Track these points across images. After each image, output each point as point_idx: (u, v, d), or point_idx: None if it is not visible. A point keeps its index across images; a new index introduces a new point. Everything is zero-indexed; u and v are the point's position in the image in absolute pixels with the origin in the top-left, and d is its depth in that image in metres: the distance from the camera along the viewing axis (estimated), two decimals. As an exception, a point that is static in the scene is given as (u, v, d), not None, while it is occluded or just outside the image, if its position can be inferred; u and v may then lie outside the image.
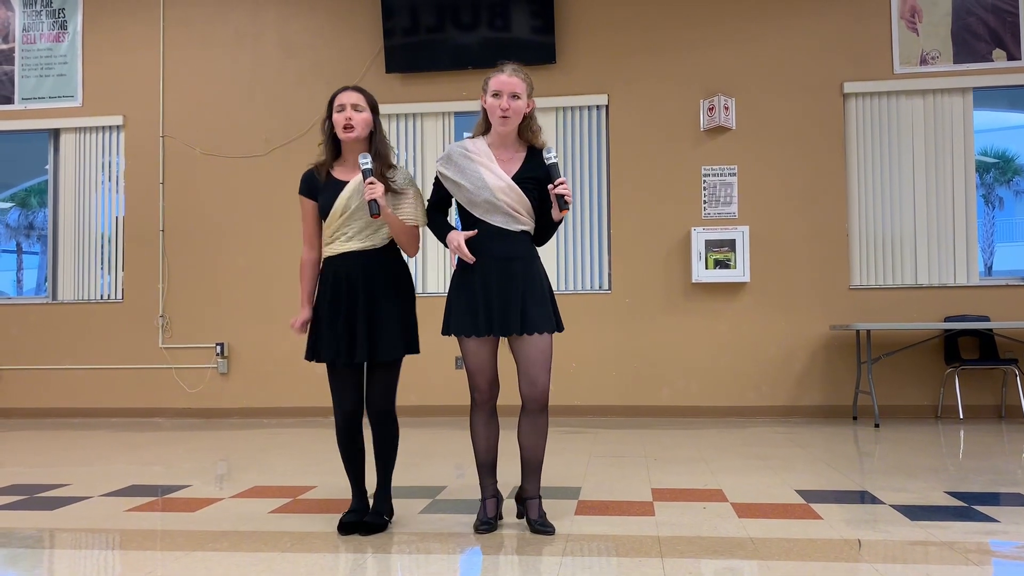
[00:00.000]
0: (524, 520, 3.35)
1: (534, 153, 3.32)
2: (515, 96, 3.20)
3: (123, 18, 8.32)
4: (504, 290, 3.20)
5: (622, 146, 7.62)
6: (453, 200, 3.40)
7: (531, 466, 3.30)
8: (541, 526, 3.24)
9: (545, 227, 3.36)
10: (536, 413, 3.25)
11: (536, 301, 3.23)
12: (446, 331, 3.31)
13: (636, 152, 7.58)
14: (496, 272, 3.22)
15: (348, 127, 3.28)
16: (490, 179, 3.22)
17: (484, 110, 3.30)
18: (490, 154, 3.27)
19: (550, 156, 3.23)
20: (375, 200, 3.13)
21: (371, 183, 3.15)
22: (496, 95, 3.20)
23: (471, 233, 3.24)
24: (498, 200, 3.21)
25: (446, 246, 3.31)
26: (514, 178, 3.24)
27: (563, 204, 3.18)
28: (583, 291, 7.64)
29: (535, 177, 3.26)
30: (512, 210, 3.23)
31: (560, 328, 3.31)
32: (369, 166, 3.18)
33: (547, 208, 3.27)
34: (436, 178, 3.38)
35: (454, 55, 7.73)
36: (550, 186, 3.19)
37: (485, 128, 3.33)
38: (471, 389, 3.33)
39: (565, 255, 7.67)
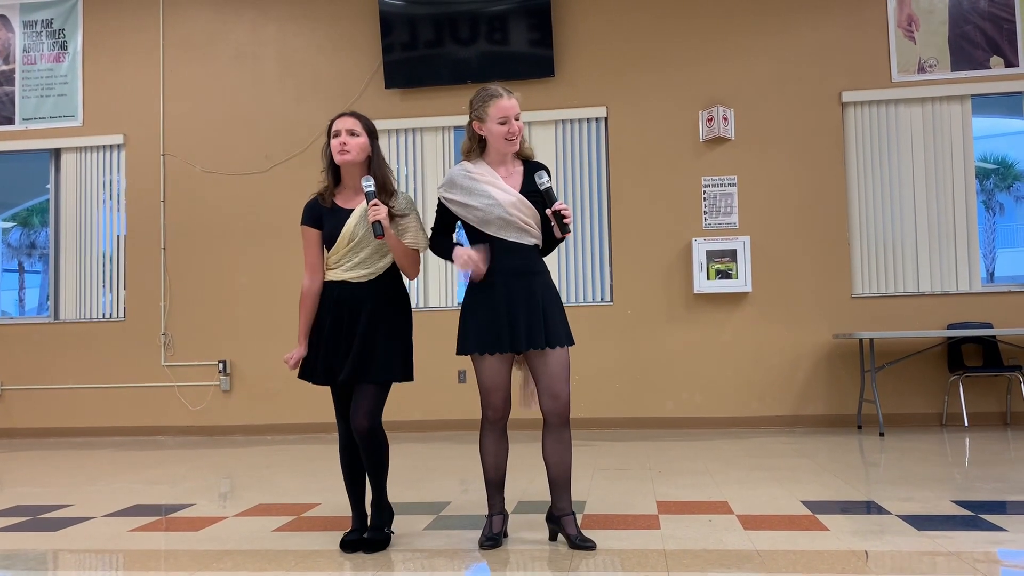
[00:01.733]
0: (555, 539, 3.32)
1: (529, 166, 3.35)
2: (517, 117, 3.25)
3: (123, 38, 8.37)
4: (527, 305, 3.20)
5: (622, 158, 7.63)
6: (458, 224, 3.40)
7: (560, 482, 3.26)
8: (581, 541, 3.19)
9: (548, 242, 3.37)
10: (560, 427, 3.24)
11: (556, 315, 3.25)
12: (463, 351, 3.28)
13: (636, 164, 7.59)
14: (518, 287, 3.21)
15: (343, 151, 3.29)
16: (500, 196, 3.22)
17: (477, 135, 3.30)
18: (494, 172, 3.29)
19: (543, 182, 3.24)
20: (379, 221, 3.14)
21: (375, 205, 3.17)
22: (504, 122, 3.22)
23: (480, 250, 3.22)
24: (511, 216, 3.21)
25: (452, 262, 3.29)
26: (521, 192, 3.26)
27: (564, 227, 3.19)
28: (585, 303, 7.63)
29: (539, 190, 3.28)
30: (525, 224, 3.24)
31: (571, 341, 3.31)
32: (372, 188, 3.20)
33: (549, 223, 3.29)
34: (439, 205, 3.37)
35: (453, 70, 7.75)
36: (548, 210, 3.20)
37: (479, 152, 3.33)
38: (484, 407, 3.30)
39: (567, 267, 7.66)
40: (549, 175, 3.28)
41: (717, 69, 7.55)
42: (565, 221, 3.19)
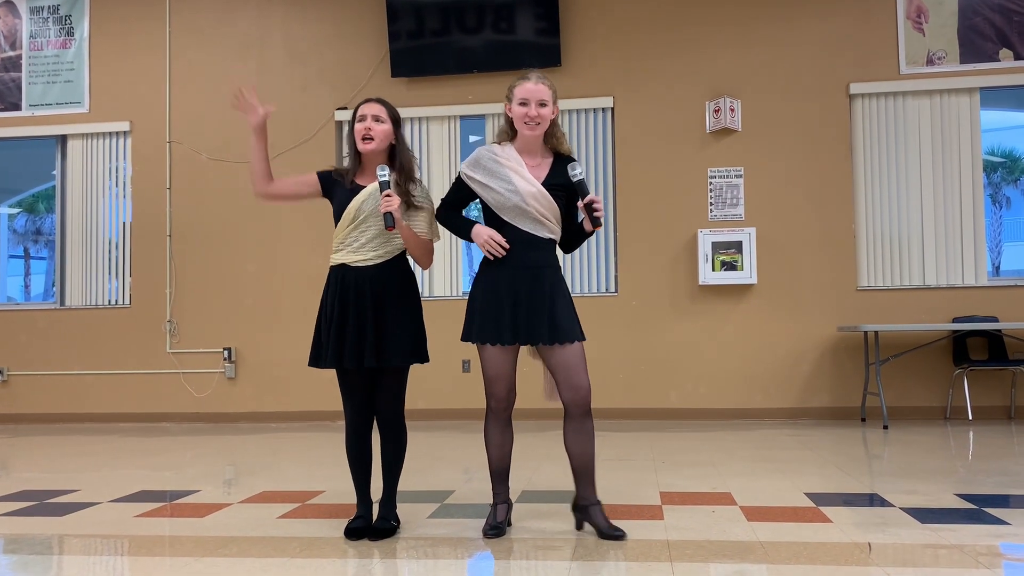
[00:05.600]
0: (581, 528, 3.33)
1: (560, 160, 3.33)
2: (542, 103, 3.22)
3: (129, 24, 8.35)
4: (532, 298, 3.20)
5: (628, 148, 7.61)
6: (472, 204, 3.40)
7: (583, 472, 3.27)
8: (611, 531, 3.20)
9: (576, 235, 3.37)
10: (581, 418, 3.24)
11: (564, 310, 3.24)
12: (467, 338, 3.29)
13: (642, 154, 7.57)
14: (525, 280, 3.21)
15: (367, 138, 3.29)
16: (521, 184, 3.22)
17: (509, 118, 3.30)
18: (520, 160, 3.28)
19: (576, 174, 3.23)
20: (390, 213, 3.13)
21: (387, 195, 3.15)
22: (524, 103, 3.22)
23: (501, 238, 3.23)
24: (528, 206, 3.21)
25: (471, 241, 3.28)
26: (543, 184, 3.24)
27: (596, 221, 3.20)
28: (590, 294, 7.63)
29: (563, 184, 3.27)
30: (542, 216, 3.23)
31: (583, 337, 3.29)
32: (386, 178, 3.18)
33: (575, 215, 3.31)
34: (458, 178, 3.37)
35: (459, 59, 7.73)
36: (580, 202, 3.20)
37: (511, 136, 3.33)
38: (488, 396, 3.31)
39: (572, 258, 7.65)
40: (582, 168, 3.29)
41: (724, 60, 7.52)
42: (596, 214, 3.19)
